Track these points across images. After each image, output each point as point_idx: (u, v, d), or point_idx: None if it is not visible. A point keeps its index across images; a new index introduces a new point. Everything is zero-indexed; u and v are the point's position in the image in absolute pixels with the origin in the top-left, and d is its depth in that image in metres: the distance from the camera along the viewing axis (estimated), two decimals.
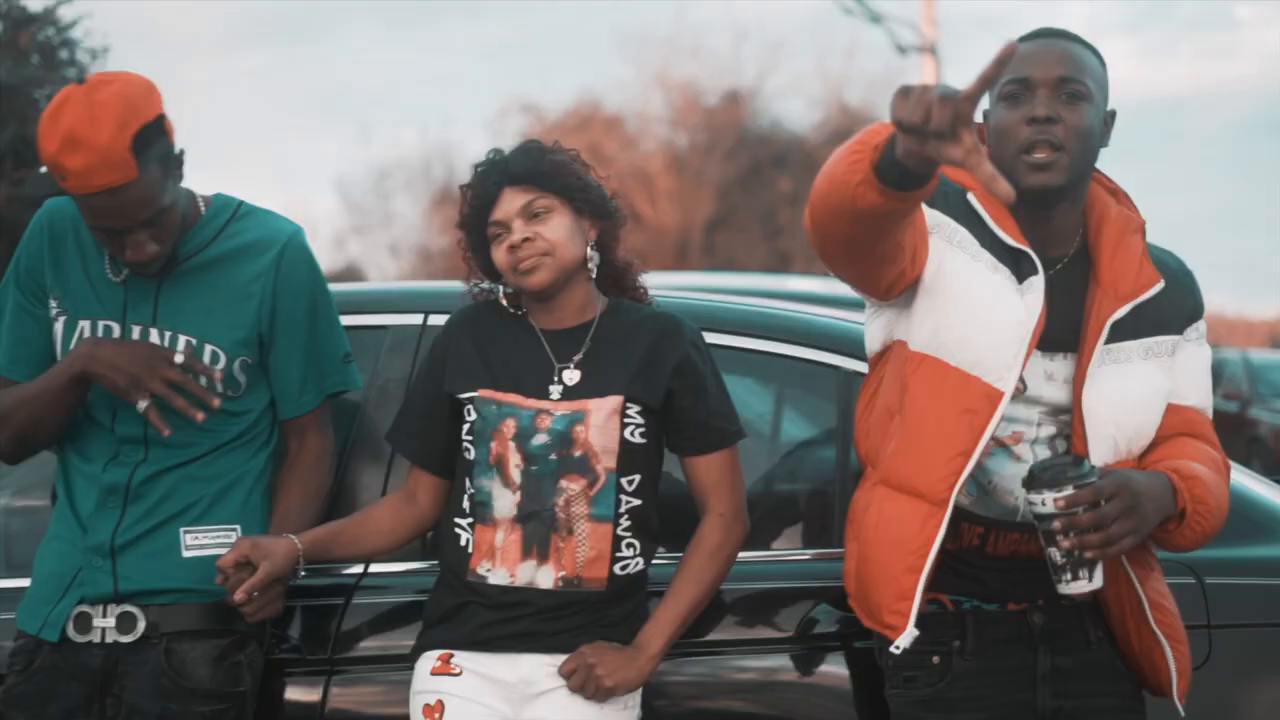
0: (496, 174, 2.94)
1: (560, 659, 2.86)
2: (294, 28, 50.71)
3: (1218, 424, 2.91)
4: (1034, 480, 2.55)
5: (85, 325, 3.00)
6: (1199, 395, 2.81)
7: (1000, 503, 2.73)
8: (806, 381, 3.44)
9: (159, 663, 2.94)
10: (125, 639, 2.95)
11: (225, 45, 50.53)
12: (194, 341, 2.98)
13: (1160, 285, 2.72)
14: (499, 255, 2.94)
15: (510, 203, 2.92)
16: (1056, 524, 2.53)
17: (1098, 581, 2.57)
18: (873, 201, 2.37)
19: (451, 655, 2.89)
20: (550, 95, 47.95)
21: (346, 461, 3.27)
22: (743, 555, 3.01)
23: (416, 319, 3.37)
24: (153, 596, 2.96)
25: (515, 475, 2.87)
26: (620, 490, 2.88)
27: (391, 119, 49.43)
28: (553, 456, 2.87)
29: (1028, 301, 2.64)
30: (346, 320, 3.25)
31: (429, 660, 2.91)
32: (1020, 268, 2.67)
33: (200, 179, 2.99)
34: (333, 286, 3.25)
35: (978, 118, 2.45)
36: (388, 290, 3.71)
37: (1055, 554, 2.56)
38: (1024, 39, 2.69)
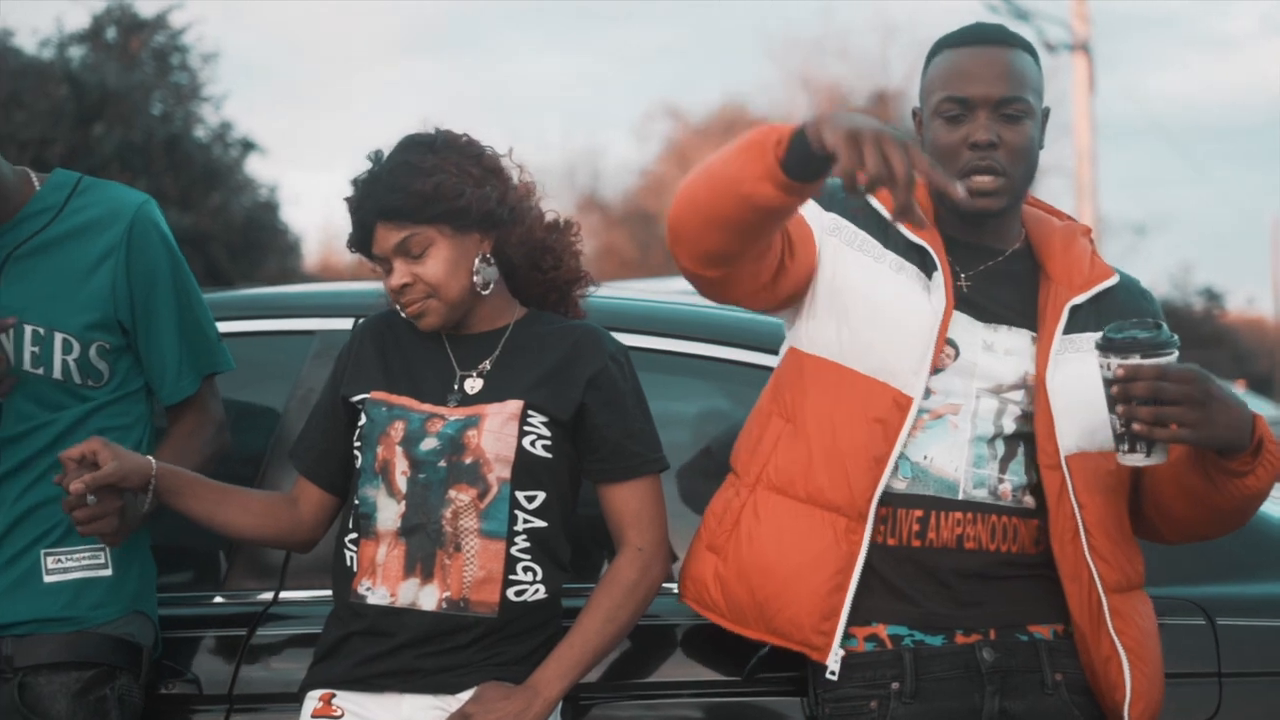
0: (370, 203, 2.64)
1: (446, 700, 2.58)
2: (462, 36, 51.26)
3: None
4: (1107, 343, 2.45)
5: None
6: None
7: (939, 476, 2.57)
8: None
9: (12, 698, 2.69)
10: None
11: (397, 52, 51.24)
12: (41, 331, 2.73)
13: (1115, 278, 2.68)
14: (387, 289, 2.68)
15: (385, 240, 2.64)
16: (1114, 390, 2.45)
17: (1157, 458, 2.45)
18: (768, 195, 2.35)
19: (333, 695, 2.63)
20: (696, 99, 47.84)
21: (261, 479, 3.02)
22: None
23: (346, 324, 3.08)
24: (8, 628, 2.71)
25: (401, 484, 2.62)
26: (516, 506, 2.61)
27: (541, 124, 49.73)
28: (442, 464, 2.61)
29: (933, 301, 2.58)
30: (271, 325, 3.03)
31: (311, 701, 2.66)
32: (926, 264, 2.62)
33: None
34: (259, 290, 2.99)
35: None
36: (315, 293, 3.42)
37: (1115, 421, 2.47)
38: (955, 41, 2.64)
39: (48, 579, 2.72)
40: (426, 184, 2.61)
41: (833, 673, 2.53)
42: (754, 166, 2.33)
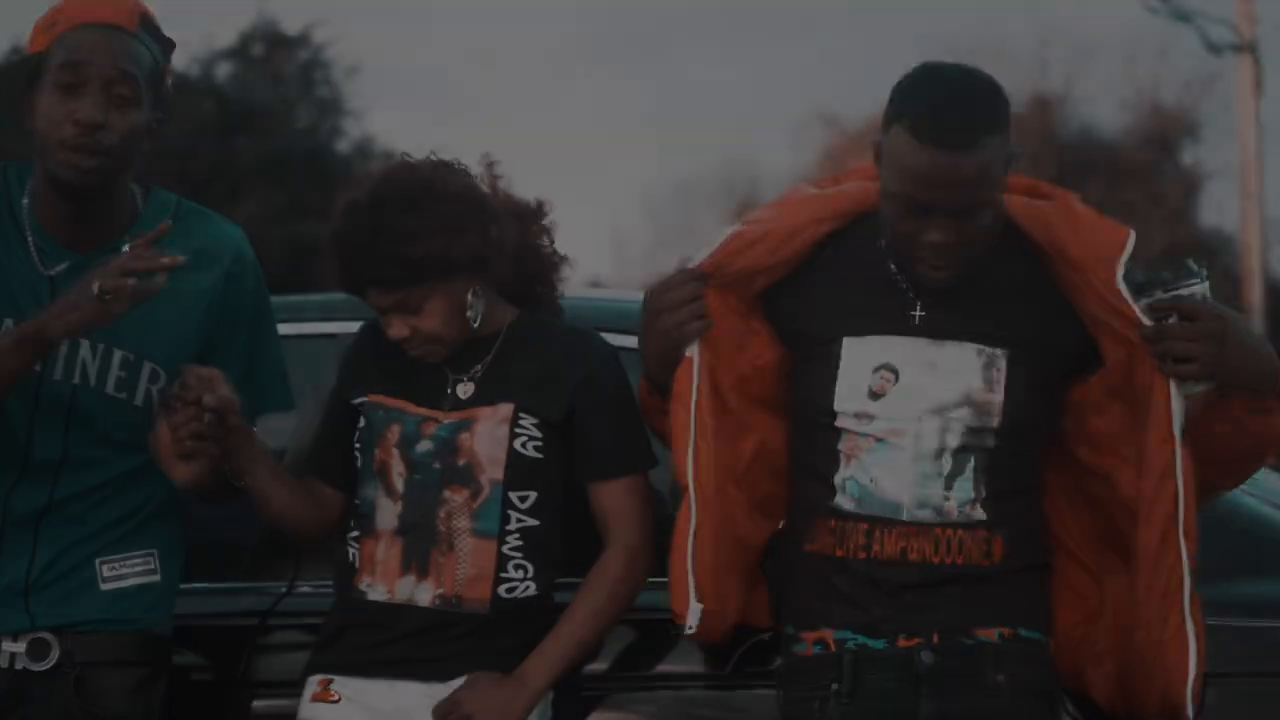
0: (357, 269, 2.67)
1: (436, 689, 2.67)
2: (633, 48, 51.63)
3: None
4: (1135, 285, 2.50)
5: (9, 324, 2.73)
6: None
7: (884, 498, 2.58)
8: None
9: (67, 692, 2.75)
10: (36, 667, 2.75)
11: (566, 64, 51.68)
12: (131, 357, 2.76)
13: (1132, 235, 2.55)
14: (388, 333, 2.73)
15: (378, 300, 2.69)
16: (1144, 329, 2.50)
17: (1207, 385, 2.47)
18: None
19: (331, 681, 2.74)
20: (851, 106, 47.43)
21: None
22: None
23: None
24: (71, 627, 2.77)
25: (398, 484, 2.72)
26: (509, 505, 2.70)
27: (698, 131, 49.81)
28: (436, 465, 2.70)
29: None
30: (289, 329, 3.06)
31: (311, 685, 2.76)
32: None
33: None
34: (282, 298, 3.07)
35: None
36: (335, 298, 3.50)
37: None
38: (914, 126, 2.45)
39: (104, 586, 2.76)
40: (415, 251, 2.62)
41: (690, 627, 2.57)
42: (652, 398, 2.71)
